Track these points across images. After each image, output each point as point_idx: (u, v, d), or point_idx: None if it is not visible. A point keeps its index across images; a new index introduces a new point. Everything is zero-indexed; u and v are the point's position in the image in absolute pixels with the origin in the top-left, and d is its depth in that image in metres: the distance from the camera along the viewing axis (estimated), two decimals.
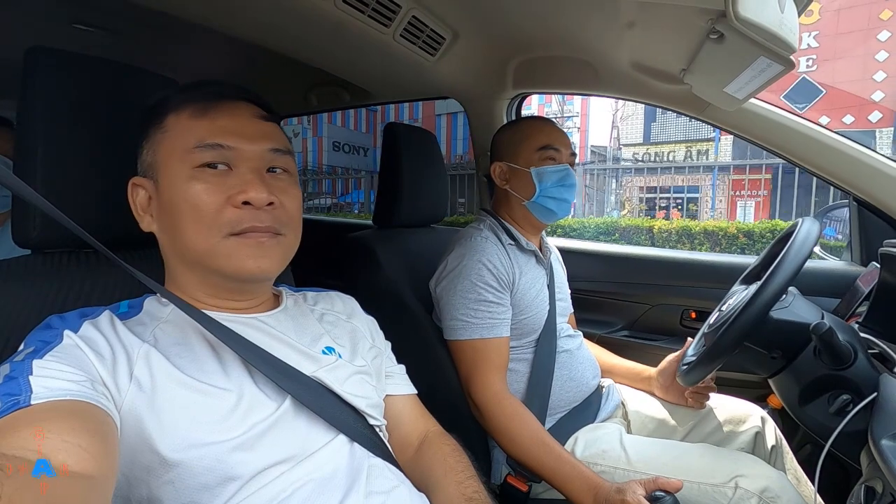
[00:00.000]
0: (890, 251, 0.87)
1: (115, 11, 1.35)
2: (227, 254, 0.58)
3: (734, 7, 0.61)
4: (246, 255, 0.58)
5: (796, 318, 0.84)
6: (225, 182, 0.58)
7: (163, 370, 0.53)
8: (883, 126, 8.43)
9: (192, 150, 0.58)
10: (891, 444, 0.62)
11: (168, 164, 0.59)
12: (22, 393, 0.43)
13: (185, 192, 0.57)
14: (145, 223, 0.62)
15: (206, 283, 0.62)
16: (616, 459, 0.97)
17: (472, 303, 1.00)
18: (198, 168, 0.58)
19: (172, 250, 0.62)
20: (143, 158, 0.62)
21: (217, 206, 0.57)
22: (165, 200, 0.59)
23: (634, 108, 11.52)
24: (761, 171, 7.96)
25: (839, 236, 1.50)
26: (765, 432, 1.08)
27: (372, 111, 11.71)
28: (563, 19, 1.09)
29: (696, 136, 10.64)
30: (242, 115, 0.62)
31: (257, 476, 0.54)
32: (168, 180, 0.59)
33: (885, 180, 1.11)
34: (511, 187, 1.12)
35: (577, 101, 10.47)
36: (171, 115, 0.60)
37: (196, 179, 0.57)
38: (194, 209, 0.57)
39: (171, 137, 0.60)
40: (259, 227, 0.58)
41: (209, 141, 0.58)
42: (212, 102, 0.60)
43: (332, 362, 0.66)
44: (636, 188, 8.98)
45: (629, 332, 1.59)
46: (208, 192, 0.57)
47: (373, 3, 1.06)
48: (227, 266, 0.58)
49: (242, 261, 0.58)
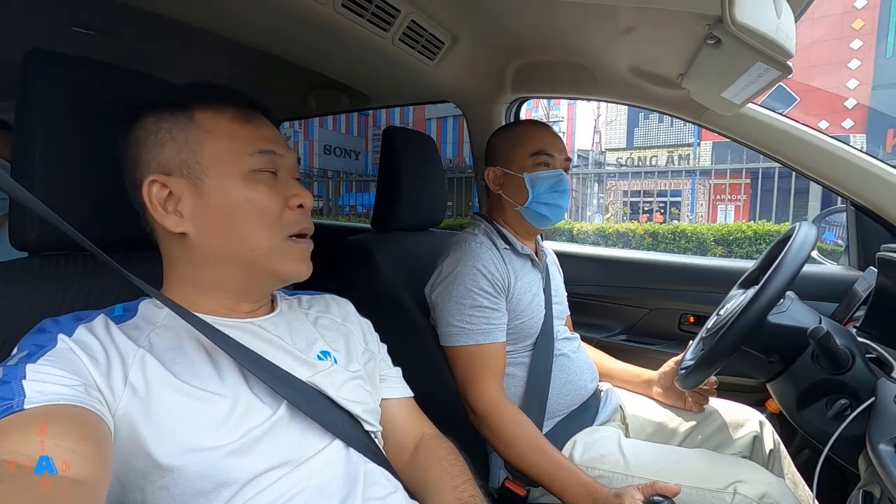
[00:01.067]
0: (887, 255, 0.87)
1: (115, 14, 1.35)
2: (284, 255, 0.62)
3: (731, 13, 0.62)
4: (300, 259, 0.64)
5: (794, 322, 0.84)
6: (277, 185, 0.62)
7: (158, 375, 0.53)
8: (856, 132, 8.57)
9: (253, 154, 0.60)
10: (888, 448, 0.62)
11: (218, 165, 0.59)
12: (15, 397, 0.43)
13: (246, 193, 0.59)
14: (171, 223, 0.59)
15: (233, 286, 0.63)
16: (614, 464, 0.96)
17: (467, 308, 1.00)
18: (254, 171, 0.60)
19: (211, 250, 0.61)
20: (166, 155, 0.59)
21: (279, 209, 0.61)
22: (218, 201, 0.59)
23: (617, 114, 11.63)
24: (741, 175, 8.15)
25: (839, 241, 1.50)
26: (763, 436, 1.08)
27: (363, 115, 11.77)
28: (562, 24, 1.09)
29: (677, 141, 10.78)
30: (270, 125, 0.65)
31: (252, 482, 0.54)
32: (220, 182, 0.59)
33: (882, 185, 1.12)
34: (504, 192, 1.12)
35: (563, 105, 10.53)
36: (203, 114, 0.60)
37: (256, 182, 0.60)
38: (260, 211, 0.60)
39: (216, 139, 0.59)
40: (307, 228, 0.64)
41: (266, 147, 0.61)
42: (247, 110, 0.63)
43: (327, 367, 0.66)
44: (620, 192, 9.08)
45: (627, 336, 1.59)
46: (269, 196, 0.61)
47: (372, 7, 1.07)
48: (283, 267, 0.63)
49: (297, 264, 0.63)
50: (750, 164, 6.72)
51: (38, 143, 0.62)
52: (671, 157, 10.79)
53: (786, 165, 1.21)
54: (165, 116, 0.60)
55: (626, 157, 11.28)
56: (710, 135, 9.92)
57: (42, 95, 0.62)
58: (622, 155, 11.38)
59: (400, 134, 1.29)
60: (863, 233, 1.28)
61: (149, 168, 0.59)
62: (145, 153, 0.60)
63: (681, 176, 8.74)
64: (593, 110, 11.44)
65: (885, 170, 1.12)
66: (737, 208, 8.97)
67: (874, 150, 8.23)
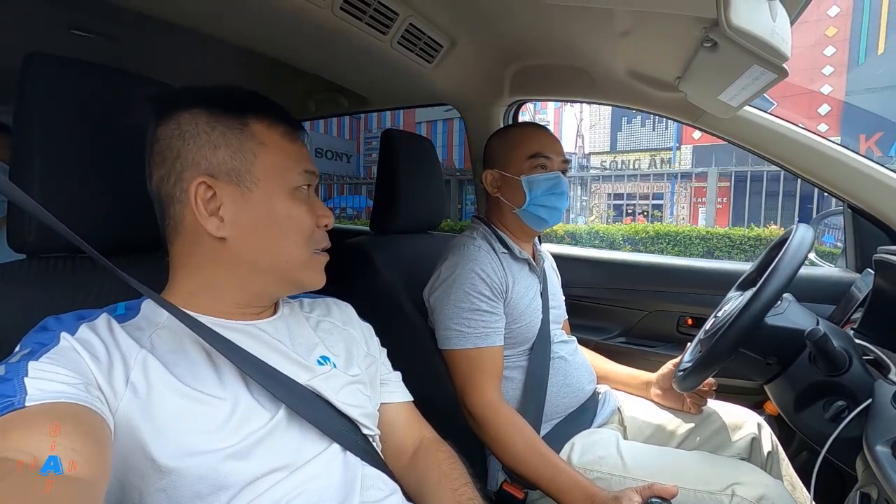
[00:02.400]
0: (884, 258, 0.88)
1: (114, 17, 1.35)
2: (310, 268, 0.66)
3: (727, 16, 0.62)
4: (319, 271, 0.68)
5: (791, 324, 0.84)
6: (310, 204, 0.66)
7: (159, 377, 0.53)
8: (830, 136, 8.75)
9: (301, 174, 0.64)
10: (885, 450, 0.62)
11: (270, 178, 0.61)
12: (16, 394, 0.43)
13: (290, 209, 0.63)
14: (212, 226, 0.59)
15: (255, 291, 0.65)
16: (612, 466, 0.96)
17: (465, 312, 1.00)
18: (297, 189, 0.64)
19: (244, 256, 0.62)
20: (220, 158, 0.59)
21: (312, 226, 0.65)
22: (263, 211, 0.61)
23: (599, 118, 11.71)
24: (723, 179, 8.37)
25: (838, 244, 1.50)
26: (761, 438, 1.08)
27: (355, 119, 11.89)
28: (560, 27, 1.10)
29: (659, 144, 11.01)
30: (304, 144, 0.68)
31: (250, 485, 0.54)
32: (269, 194, 0.61)
33: (878, 187, 1.12)
34: (502, 195, 1.12)
35: (550, 109, 10.60)
36: (258, 126, 0.62)
37: (297, 199, 0.64)
38: (298, 226, 0.63)
39: (271, 153, 0.62)
40: (328, 246, 0.69)
41: (310, 168, 0.65)
42: (292, 126, 0.66)
43: (326, 372, 0.66)
44: (604, 195, 9.18)
45: (625, 338, 1.59)
46: (307, 213, 0.65)
47: (370, 10, 1.07)
48: (308, 278, 0.67)
49: (318, 276, 0.68)
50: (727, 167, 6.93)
51: (36, 146, 0.62)
52: (653, 161, 10.96)
53: (783, 168, 1.22)
54: (220, 118, 0.60)
55: (609, 161, 11.41)
56: (689, 139, 10.23)
57: (41, 98, 0.63)
58: (606, 158, 11.50)
59: (399, 136, 1.29)
60: (860, 235, 1.28)
61: (198, 167, 0.59)
62: (194, 150, 0.59)
63: (663, 179, 8.87)
64: (575, 114, 11.52)
65: (881, 172, 1.12)
66: (718, 210, 9.25)
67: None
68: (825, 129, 8.81)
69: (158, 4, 1.07)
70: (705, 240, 6.26)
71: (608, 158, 11.45)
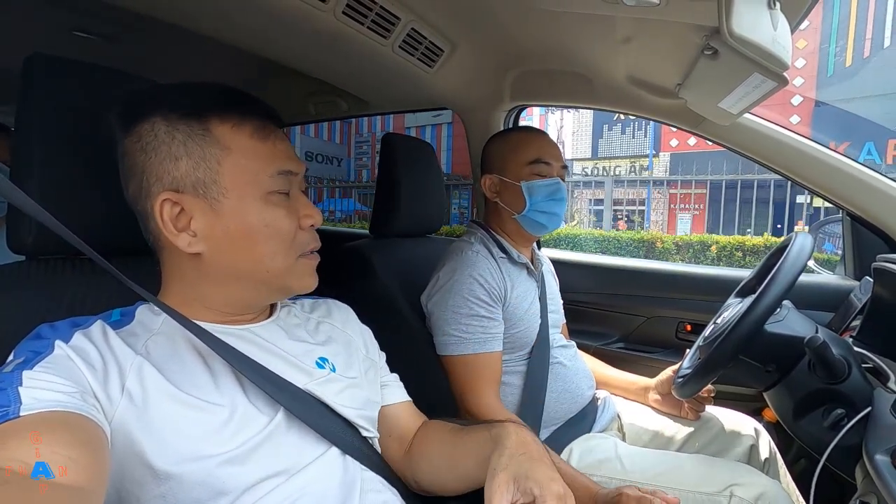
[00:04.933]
0: (883, 266, 0.88)
1: (115, 19, 1.35)
2: (298, 273, 0.63)
3: (728, 24, 0.62)
4: (310, 274, 0.65)
5: (791, 331, 0.84)
6: (291, 206, 0.62)
7: (155, 384, 0.53)
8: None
9: (273, 177, 0.59)
10: (885, 459, 0.62)
11: (238, 186, 0.57)
12: (11, 404, 0.42)
13: (265, 216, 0.59)
14: (183, 242, 0.57)
15: (242, 299, 0.63)
16: (611, 469, 0.96)
17: (463, 318, 1.00)
18: (272, 193, 0.59)
19: (224, 268, 0.59)
20: (182, 171, 0.56)
21: (293, 230, 0.61)
22: (235, 222, 0.57)
23: (579, 125, 11.83)
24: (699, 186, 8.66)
25: (838, 251, 1.51)
26: (759, 445, 1.08)
27: (346, 123, 11.95)
28: (561, 33, 1.10)
29: (638, 152, 11.24)
30: (285, 138, 0.63)
31: (249, 490, 0.53)
32: (239, 202, 0.57)
33: (877, 195, 1.13)
34: (502, 200, 1.11)
35: (535, 115, 10.66)
36: (222, 128, 0.57)
37: (274, 204, 0.59)
38: (276, 233, 0.59)
39: (237, 157, 0.57)
40: (317, 247, 0.65)
41: (284, 168, 0.60)
42: (265, 123, 0.60)
43: (324, 375, 0.66)
44: (586, 200, 9.27)
45: (624, 344, 1.59)
46: (286, 217, 0.60)
47: (372, 14, 1.07)
48: (297, 284, 0.63)
49: (308, 279, 0.64)
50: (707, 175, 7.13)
51: (37, 147, 0.62)
52: (633, 167, 11.14)
53: (782, 175, 1.22)
54: (179, 126, 0.56)
55: (591, 167, 11.53)
56: (667, 146, 10.44)
57: (42, 99, 0.63)
58: (587, 164, 11.63)
59: (399, 141, 1.29)
60: (859, 243, 1.29)
61: (160, 182, 0.56)
62: (156, 164, 0.56)
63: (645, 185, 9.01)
64: (556, 121, 11.61)
65: (880, 180, 1.12)
66: (694, 217, 9.52)
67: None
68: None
69: (160, 6, 1.07)
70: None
71: (589, 164, 11.58)
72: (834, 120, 8.84)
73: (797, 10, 0.75)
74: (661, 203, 9.50)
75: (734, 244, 5.76)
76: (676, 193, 9.08)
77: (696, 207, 9.43)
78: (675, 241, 6.36)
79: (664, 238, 6.42)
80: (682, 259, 6.07)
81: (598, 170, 11.35)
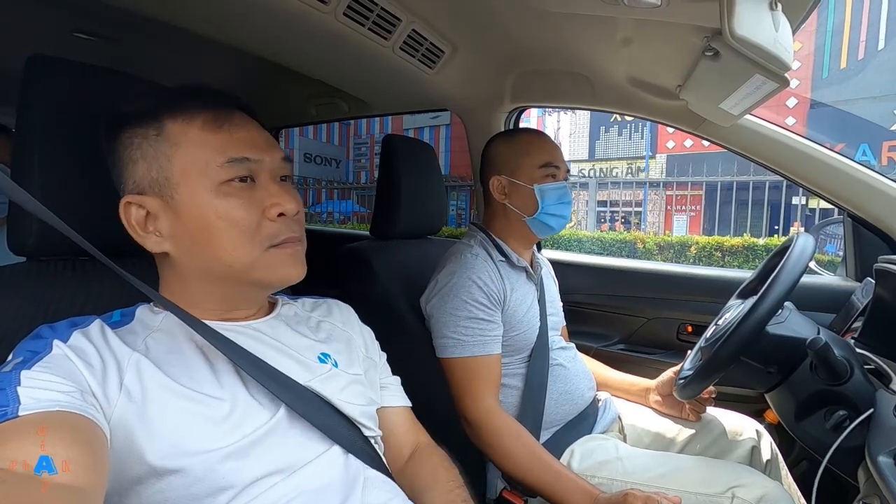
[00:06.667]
0: (884, 267, 0.88)
1: (116, 21, 1.35)
2: (270, 265, 0.59)
3: (730, 25, 0.62)
4: (288, 265, 0.61)
5: (792, 333, 0.84)
6: (254, 195, 0.59)
7: (153, 379, 0.53)
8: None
9: (222, 166, 0.57)
10: (888, 460, 0.62)
11: (188, 179, 0.56)
12: (10, 404, 0.42)
13: (218, 208, 0.57)
14: (151, 243, 0.58)
15: (224, 295, 0.62)
16: (613, 471, 0.96)
17: (462, 321, 1.00)
18: (226, 183, 0.57)
19: (194, 266, 0.59)
20: (139, 174, 0.57)
21: (255, 220, 0.58)
22: (191, 218, 0.57)
23: (576, 126, 11.86)
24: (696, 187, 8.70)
25: (840, 252, 1.51)
26: (760, 447, 1.08)
27: (345, 125, 11.99)
28: (561, 35, 1.10)
29: (635, 153, 11.32)
30: (250, 125, 0.62)
31: (250, 486, 0.53)
32: (191, 197, 0.57)
33: (879, 196, 1.13)
34: (511, 202, 1.11)
35: (532, 116, 10.71)
36: (173, 125, 0.57)
37: (228, 195, 0.57)
38: (233, 225, 0.57)
39: (185, 151, 0.57)
40: (294, 237, 0.61)
41: (237, 155, 0.58)
42: (222, 112, 0.59)
43: (326, 371, 0.66)
44: (583, 202, 9.32)
45: (625, 345, 1.58)
46: (245, 207, 0.58)
47: (373, 16, 1.07)
48: (270, 277, 0.60)
49: (286, 270, 0.61)
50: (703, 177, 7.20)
51: (38, 148, 0.62)
52: (631, 169, 11.21)
53: (783, 176, 1.22)
54: (137, 130, 0.57)
55: (588, 169, 11.58)
56: (664, 148, 10.50)
57: (43, 101, 0.63)
58: (584, 166, 11.68)
59: (399, 142, 1.29)
60: (860, 244, 1.29)
61: (126, 188, 0.58)
62: (123, 172, 0.58)
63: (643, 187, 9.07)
64: (553, 123, 11.67)
65: (881, 181, 1.12)
66: (691, 218, 9.59)
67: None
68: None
69: (161, 8, 1.07)
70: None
71: (587, 166, 11.63)
72: (829, 121, 8.91)
73: (798, 12, 0.75)
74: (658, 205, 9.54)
75: (713, 245, 5.89)
76: (673, 195, 9.12)
77: (693, 209, 9.46)
78: (656, 241, 6.46)
79: (646, 239, 6.53)
80: (663, 259, 6.16)
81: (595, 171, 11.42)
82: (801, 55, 8.97)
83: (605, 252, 6.45)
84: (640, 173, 10.80)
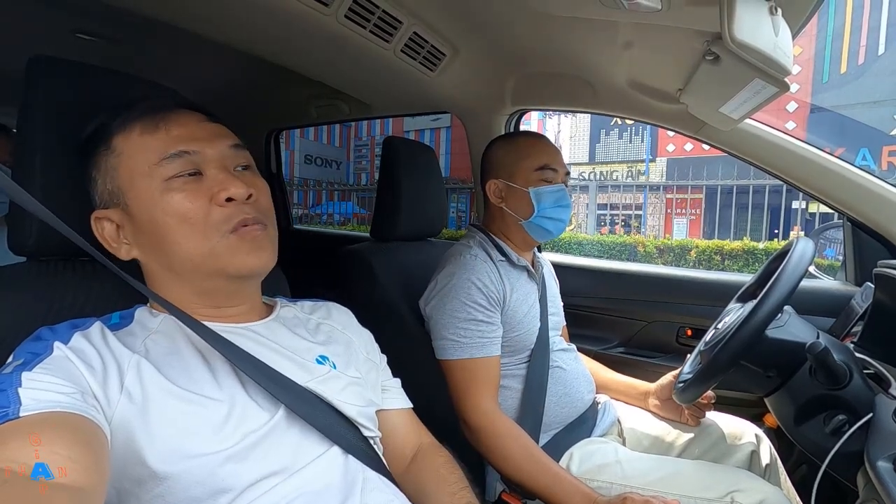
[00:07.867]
0: (884, 271, 0.88)
1: (118, 21, 1.36)
2: (227, 252, 0.59)
3: (730, 30, 0.63)
4: (246, 251, 0.59)
5: (792, 337, 0.84)
6: (201, 186, 0.59)
7: (154, 381, 0.53)
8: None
9: (159, 164, 0.58)
10: (887, 465, 0.62)
11: (134, 184, 0.58)
12: (11, 405, 0.43)
13: (166, 205, 0.57)
14: (123, 252, 0.61)
15: (201, 292, 0.62)
16: (612, 475, 0.96)
17: (462, 322, 1.00)
18: (169, 179, 0.58)
19: (162, 267, 0.61)
20: (100, 190, 0.60)
21: (203, 210, 0.58)
22: (144, 221, 0.58)
23: (577, 129, 11.89)
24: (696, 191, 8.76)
25: (840, 257, 1.51)
26: (759, 451, 1.07)
27: (345, 127, 12.06)
28: (562, 38, 1.10)
29: (635, 157, 11.33)
30: (191, 121, 0.62)
31: (249, 489, 0.53)
32: (139, 201, 0.58)
33: (878, 201, 1.13)
34: (507, 206, 1.11)
35: (533, 119, 10.77)
36: (117, 137, 0.59)
37: (173, 190, 0.58)
38: (182, 219, 0.57)
39: (127, 158, 0.59)
40: (249, 219, 0.60)
41: (172, 151, 0.58)
42: (159, 114, 0.60)
43: (325, 372, 0.66)
44: (583, 205, 9.35)
45: (625, 348, 1.58)
46: (190, 199, 0.58)
47: (374, 18, 1.08)
48: (230, 265, 0.59)
49: (244, 257, 0.59)
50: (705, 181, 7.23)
51: (39, 149, 0.62)
52: (631, 172, 11.23)
53: (783, 180, 1.22)
54: (95, 150, 0.60)
55: (588, 172, 11.63)
56: (664, 152, 10.48)
57: (45, 101, 0.63)
58: (585, 169, 11.73)
59: (400, 144, 1.29)
60: (860, 248, 1.29)
61: (95, 205, 0.61)
62: (91, 190, 0.61)
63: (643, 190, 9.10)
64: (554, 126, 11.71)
65: (881, 186, 1.12)
66: (691, 222, 9.57)
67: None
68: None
69: (162, 8, 1.08)
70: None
71: (587, 169, 11.66)
72: (829, 125, 8.91)
73: (798, 16, 0.75)
74: (658, 208, 9.56)
75: (713, 248, 5.93)
76: (673, 198, 9.14)
77: (693, 212, 9.47)
78: (657, 245, 6.48)
79: (646, 242, 6.55)
80: (663, 262, 6.18)
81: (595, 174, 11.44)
82: (801, 59, 9.00)
83: (606, 255, 6.46)
84: (640, 177, 10.81)
